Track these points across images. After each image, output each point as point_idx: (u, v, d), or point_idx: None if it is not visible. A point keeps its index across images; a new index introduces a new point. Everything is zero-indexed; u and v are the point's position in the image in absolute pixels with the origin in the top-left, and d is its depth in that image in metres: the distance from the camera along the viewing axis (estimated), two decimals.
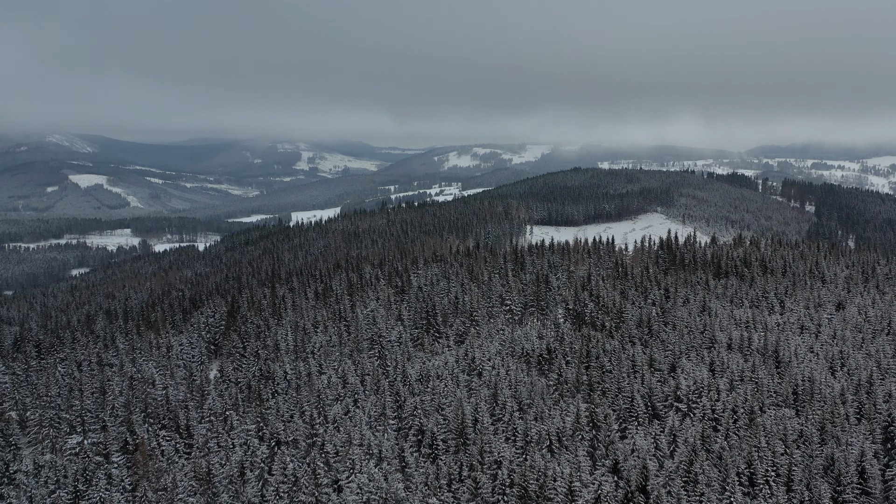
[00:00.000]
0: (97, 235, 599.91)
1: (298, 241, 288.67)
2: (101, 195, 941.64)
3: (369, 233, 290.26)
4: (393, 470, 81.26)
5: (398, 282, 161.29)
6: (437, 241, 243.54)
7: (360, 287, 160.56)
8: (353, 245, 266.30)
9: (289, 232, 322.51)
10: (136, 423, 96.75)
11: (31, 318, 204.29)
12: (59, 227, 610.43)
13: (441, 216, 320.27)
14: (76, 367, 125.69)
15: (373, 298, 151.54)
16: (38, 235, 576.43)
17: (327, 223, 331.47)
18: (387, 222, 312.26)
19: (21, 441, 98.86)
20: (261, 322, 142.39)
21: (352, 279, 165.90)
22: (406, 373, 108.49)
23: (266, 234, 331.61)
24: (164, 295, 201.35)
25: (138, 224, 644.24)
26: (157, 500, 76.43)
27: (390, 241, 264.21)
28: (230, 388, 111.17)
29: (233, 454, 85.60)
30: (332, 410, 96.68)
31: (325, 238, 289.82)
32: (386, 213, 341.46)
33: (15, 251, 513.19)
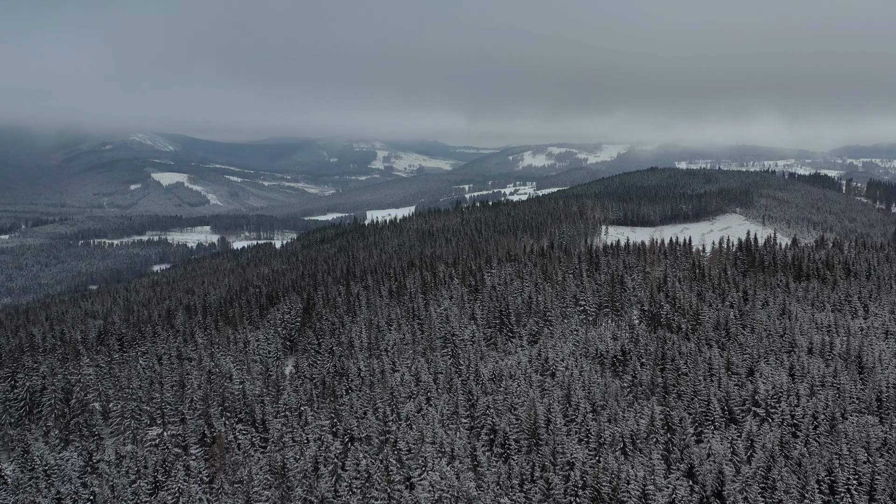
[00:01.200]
0: (178, 232, 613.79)
1: (373, 240, 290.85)
2: (182, 193, 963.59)
3: (443, 232, 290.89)
4: (465, 468, 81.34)
5: (472, 281, 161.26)
6: (511, 241, 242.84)
7: (434, 285, 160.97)
8: (427, 244, 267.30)
9: (364, 230, 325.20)
10: (213, 416, 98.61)
11: (114, 312, 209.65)
12: (141, 224, 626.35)
13: (515, 215, 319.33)
14: (157, 360, 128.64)
15: (446, 297, 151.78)
16: (122, 232, 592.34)
17: (402, 222, 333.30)
18: (461, 221, 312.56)
19: (104, 432, 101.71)
20: (335, 319, 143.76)
21: (425, 277, 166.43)
22: (479, 372, 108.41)
23: (341, 232, 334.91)
24: (241, 291, 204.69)
25: (217, 221, 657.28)
26: (233, 492, 77.76)
27: (464, 240, 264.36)
28: (305, 384, 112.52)
29: (307, 449, 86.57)
30: (404, 408, 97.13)
31: (400, 236, 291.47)
32: (460, 212, 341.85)
33: (100, 247, 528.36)
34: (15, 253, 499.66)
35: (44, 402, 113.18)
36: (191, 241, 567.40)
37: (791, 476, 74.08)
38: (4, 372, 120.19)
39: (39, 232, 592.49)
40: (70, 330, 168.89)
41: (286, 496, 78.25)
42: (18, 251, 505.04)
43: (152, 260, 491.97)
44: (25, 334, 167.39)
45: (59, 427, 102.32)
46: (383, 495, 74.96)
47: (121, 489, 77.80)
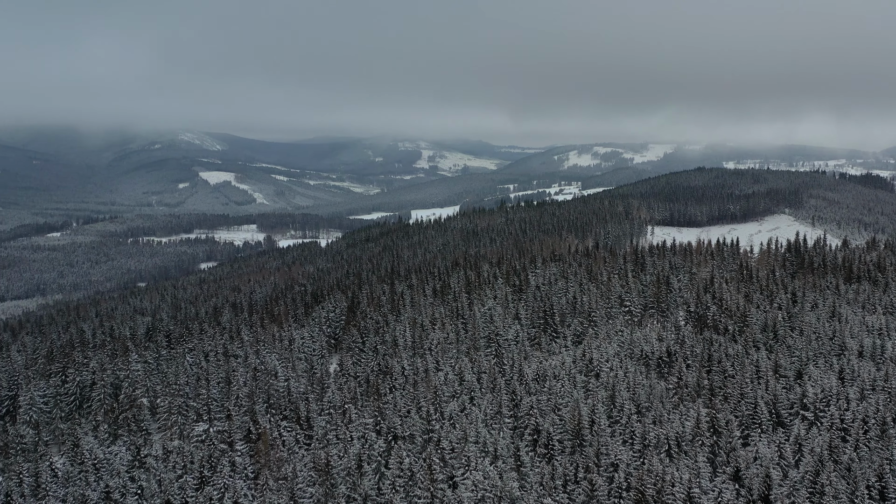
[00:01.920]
0: (224, 230, 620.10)
1: (418, 239, 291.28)
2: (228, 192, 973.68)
3: (488, 231, 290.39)
4: (508, 468, 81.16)
5: (516, 280, 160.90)
6: (556, 241, 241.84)
7: (478, 285, 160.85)
8: (471, 243, 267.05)
9: (408, 229, 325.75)
10: (259, 413, 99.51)
11: (162, 309, 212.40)
12: (189, 223, 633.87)
13: (560, 215, 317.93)
14: (203, 357, 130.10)
15: (490, 297, 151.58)
16: (170, 230, 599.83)
17: (446, 221, 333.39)
18: (505, 221, 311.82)
19: (151, 427, 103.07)
20: (380, 318, 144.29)
21: (470, 277, 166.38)
22: (523, 372, 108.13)
23: (386, 231, 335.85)
24: (287, 289, 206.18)
25: (263, 220, 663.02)
26: (277, 489, 78.36)
27: (509, 240, 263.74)
28: (349, 382, 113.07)
29: (351, 447, 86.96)
30: (448, 407, 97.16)
31: (444, 236, 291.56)
32: (505, 212, 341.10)
33: (148, 245, 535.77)
34: (66, 250, 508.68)
35: (93, 397, 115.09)
36: (237, 240, 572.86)
37: (840, 481, 72.88)
38: (56, 367, 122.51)
39: (90, 230, 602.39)
40: (119, 326, 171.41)
41: (330, 493, 78.67)
42: (70, 248, 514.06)
43: (199, 258, 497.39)
44: (76, 330, 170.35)
45: (107, 422, 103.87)
46: (426, 494, 75.05)
47: (167, 484, 78.78)
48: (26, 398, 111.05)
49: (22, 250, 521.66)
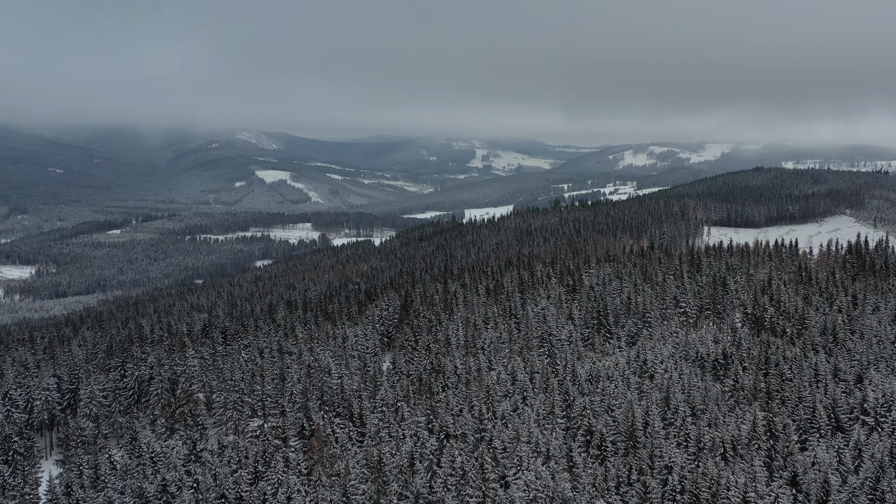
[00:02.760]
0: (280, 229, 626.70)
1: (471, 238, 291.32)
2: (284, 190, 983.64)
3: (541, 231, 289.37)
4: (560, 469, 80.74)
5: (570, 280, 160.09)
6: (611, 241, 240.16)
7: (532, 285, 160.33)
8: (524, 243, 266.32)
9: (462, 229, 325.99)
10: (312, 409, 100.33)
11: (218, 306, 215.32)
12: (245, 221, 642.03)
13: (615, 215, 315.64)
14: (258, 353, 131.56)
15: (544, 296, 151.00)
16: (227, 228, 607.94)
17: (500, 220, 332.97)
18: (559, 220, 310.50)
19: (207, 422, 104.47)
20: (433, 316, 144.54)
21: (523, 277, 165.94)
22: (576, 372, 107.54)
23: (439, 230, 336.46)
24: (341, 287, 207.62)
25: (318, 218, 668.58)
26: (330, 485, 78.86)
27: (562, 240, 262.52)
28: (402, 380, 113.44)
29: (403, 445, 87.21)
30: (500, 406, 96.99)
31: (498, 235, 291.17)
32: (559, 212, 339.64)
33: (205, 242, 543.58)
34: (126, 247, 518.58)
35: (151, 392, 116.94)
36: (292, 238, 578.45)
37: None
38: (115, 362, 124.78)
39: (149, 227, 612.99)
40: (177, 322, 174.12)
41: (382, 490, 78.98)
42: (129, 246, 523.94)
43: (255, 256, 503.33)
44: (135, 326, 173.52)
45: (165, 416, 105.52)
46: (478, 493, 74.98)
47: (222, 478, 79.76)
48: (86, 392, 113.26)
49: (83, 247, 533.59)
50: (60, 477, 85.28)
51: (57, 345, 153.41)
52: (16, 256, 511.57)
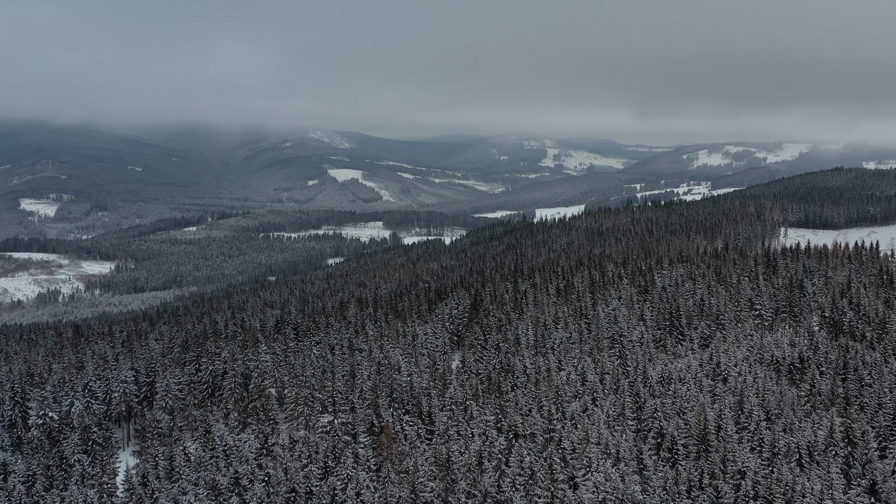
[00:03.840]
0: (351, 227, 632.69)
1: (541, 238, 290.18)
2: (356, 189, 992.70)
3: (613, 231, 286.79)
4: (630, 471, 79.86)
5: (641, 281, 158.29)
6: (684, 241, 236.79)
7: (603, 285, 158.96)
8: (596, 243, 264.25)
9: (532, 228, 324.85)
10: (382, 406, 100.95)
11: (290, 303, 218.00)
12: (317, 219, 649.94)
13: (688, 216, 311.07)
14: (329, 350, 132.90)
15: (615, 297, 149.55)
16: (299, 226, 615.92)
17: (571, 220, 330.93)
18: (631, 220, 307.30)
19: (279, 416, 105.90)
20: (502, 316, 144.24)
21: (594, 277, 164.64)
22: (647, 374, 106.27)
23: (510, 229, 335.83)
24: (411, 286, 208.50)
25: (389, 217, 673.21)
26: (399, 481, 79.29)
27: (634, 240, 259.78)
28: (471, 379, 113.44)
29: (471, 443, 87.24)
30: (570, 407, 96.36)
31: (569, 235, 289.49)
32: (631, 212, 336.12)
33: (278, 240, 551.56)
34: (202, 244, 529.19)
35: (224, 386, 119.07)
36: (363, 236, 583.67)
37: None
38: (190, 356, 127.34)
39: (224, 224, 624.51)
40: (250, 318, 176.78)
41: (450, 489, 79.10)
42: (205, 242, 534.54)
43: (327, 253, 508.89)
44: (209, 321, 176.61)
45: (237, 410, 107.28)
46: (546, 493, 74.61)
47: (293, 472, 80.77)
48: (162, 385, 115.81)
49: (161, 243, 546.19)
50: (137, 467, 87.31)
51: (135, 339, 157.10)
52: (97, 252, 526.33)
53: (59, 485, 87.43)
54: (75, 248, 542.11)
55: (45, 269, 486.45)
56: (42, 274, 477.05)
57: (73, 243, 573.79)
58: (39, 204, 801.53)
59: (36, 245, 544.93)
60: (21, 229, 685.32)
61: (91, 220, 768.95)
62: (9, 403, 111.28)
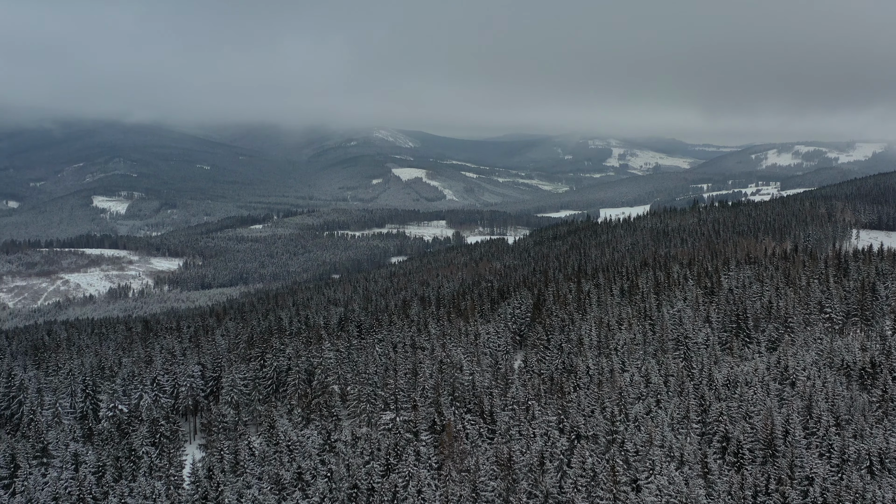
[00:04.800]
0: (415, 226, 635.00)
1: (606, 238, 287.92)
2: (419, 188, 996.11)
3: (679, 231, 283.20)
4: (694, 475, 78.82)
5: (707, 283, 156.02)
6: (751, 243, 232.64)
7: (668, 286, 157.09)
8: (661, 243, 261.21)
9: (596, 228, 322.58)
10: (443, 405, 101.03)
11: (354, 301, 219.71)
12: (381, 217, 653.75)
13: (756, 216, 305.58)
14: (392, 348, 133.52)
15: (680, 298, 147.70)
16: (363, 224, 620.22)
17: (636, 220, 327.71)
18: (697, 221, 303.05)
19: (342, 413, 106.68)
20: (565, 316, 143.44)
21: (659, 278, 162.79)
22: (712, 377, 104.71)
23: (574, 229, 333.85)
24: (473, 285, 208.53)
25: (452, 216, 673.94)
26: (460, 480, 79.33)
27: (700, 241, 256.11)
28: (533, 379, 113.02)
29: (533, 443, 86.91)
30: (633, 409, 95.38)
31: (633, 235, 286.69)
32: (697, 212, 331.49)
33: (343, 238, 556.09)
34: (267, 242, 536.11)
35: (289, 382, 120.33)
36: (427, 235, 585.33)
37: None
38: (255, 352, 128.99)
39: (289, 223, 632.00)
40: (314, 315, 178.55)
41: (511, 488, 78.91)
42: (270, 240, 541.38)
43: (390, 252, 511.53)
44: (274, 318, 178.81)
45: (301, 406, 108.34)
46: (609, 495, 73.99)
47: (355, 469, 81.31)
48: (228, 380, 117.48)
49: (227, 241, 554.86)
50: (203, 461, 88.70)
51: (202, 334, 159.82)
52: (165, 249, 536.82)
53: (127, 476, 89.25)
54: (145, 245, 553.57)
55: (115, 265, 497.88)
56: (113, 270, 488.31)
57: (143, 240, 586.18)
58: (111, 201, 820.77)
59: (108, 241, 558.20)
60: (94, 226, 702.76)
61: (160, 217, 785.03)
62: (80, 395, 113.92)
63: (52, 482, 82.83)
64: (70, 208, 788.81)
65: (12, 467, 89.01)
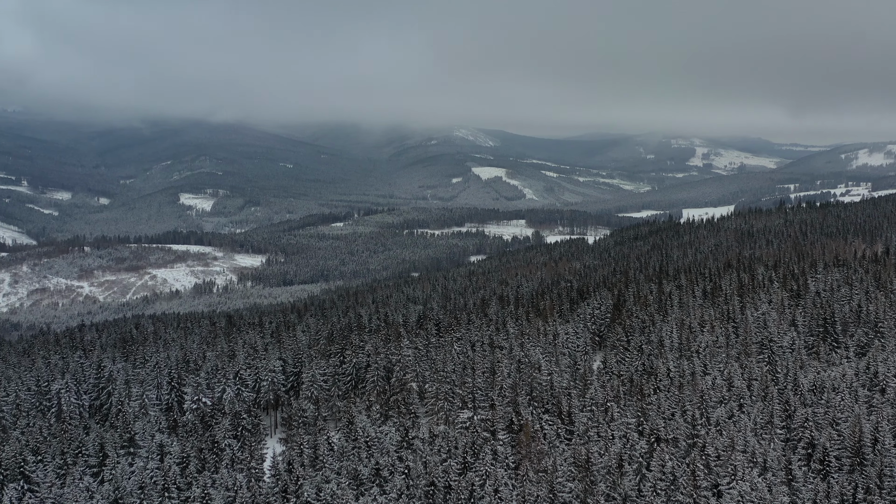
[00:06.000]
0: (494, 225, 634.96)
1: (688, 239, 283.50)
2: (499, 187, 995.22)
3: (764, 232, 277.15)
4: (778, 482, 76.99)
5: (793, 285, 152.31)
6: (840, 245, 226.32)
7: (752, 288, 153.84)
8: (745, 245, 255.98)
9: (679, 228, 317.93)
10: (521, 404, 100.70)
11: (433, 299, 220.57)
12: (460, 216, 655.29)
13: (845, 218, 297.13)
14: (470, 346, 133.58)
15: (764, 301, 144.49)
16: (443, 223, 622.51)
17: (719, 221, 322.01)
18: (784, 222, 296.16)
19: (419, 410, 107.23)
20: (646, 317, 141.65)
21: (742, 279, 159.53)
22: (798, 381, 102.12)
23: (655, 229, 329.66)
24: (553, 285, 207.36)
25: (532, 215, 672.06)
26: (537, 480, 78.92)
27: (787, 243, 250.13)
28: (612, 380, 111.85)
29: (612, 445, 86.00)
30: (715, 413, 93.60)
31: (717, 236, 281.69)
32: (783, 213, 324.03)
33: (422, 237, 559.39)
34: (348, 239, 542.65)
35: (367, 379, 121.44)
36: (506, 234, 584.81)
37: None
38: (335, 348, 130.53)
39: (369, 221, 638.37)
40: (393, 313, 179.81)
41: (589, 490, 78.20)
42: (351, 238, 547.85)
43: (469, 251, 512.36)
44: (354, 315, 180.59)
45: (379, 402, 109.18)
46: (689, 500, 72.74)
47: (432, 466, 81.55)
48: (308, 375, 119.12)
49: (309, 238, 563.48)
50: (283, 454, 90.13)
51: (283, 330, 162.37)
52: (249, 246, 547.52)
53: (210, 467, 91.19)
54: (229, 242, 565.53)
55: (201, 261, 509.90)
56: (198, 265, 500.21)
57: (228, 237, 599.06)
58: (197, 198, 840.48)
59: (193, 238, 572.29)
60: (180, 223, 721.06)
61: (244, 214, 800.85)
62: (166, 388, 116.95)
63: (138, 471, 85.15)
64: (158, 205, 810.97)
65: (101, 456, 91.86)
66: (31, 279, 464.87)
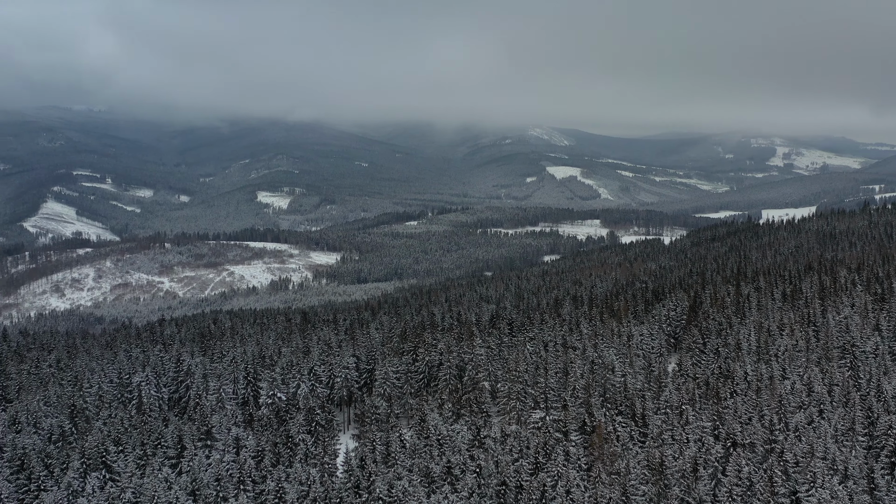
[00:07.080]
0: (568, 224, 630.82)
1: (767, 240, 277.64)
2: (573, 186, 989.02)
3: (847, 234, 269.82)
4: (859, 490, 74.96)
5: (878, 289, 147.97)
6: None
7: (834, 291, 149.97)
8: (827, 247, 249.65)
9: (758, 229, 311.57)
10: (594, 405, 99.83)
11: (506, 298, 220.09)
12: (534, 216, 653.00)
13: None
14: (543, 346, 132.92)
15: (847, 304, 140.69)
16: (516, 222, 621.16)
17: (800, 222, 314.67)
18: (868, 224, 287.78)
19: (491, 409, 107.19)
20: (723, 319, 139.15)
21: (824, 282, 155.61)
22: (881, 388, 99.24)
23: (733, 230, 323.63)
24: (627, 285, 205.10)
25: (607, 215, 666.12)
26: (609, 482, 78.17)
27: (871, 245, 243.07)
28: (687, 383, 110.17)
29: (686, 449, 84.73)
30: (794, 418, 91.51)
31: (797, 238, 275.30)
32: (868, 214, 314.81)
33: (496, 236, 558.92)
34: (422, 238, 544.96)
35: (440, 377, 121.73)
36: (580, 234, 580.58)
37: None
38: (408, 346, 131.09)
39: (443, 219, 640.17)
40: (466, 312, 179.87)
41: (663, 494, 77.20)
42: (425, 237, 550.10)
43: (543, 250, 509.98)
44: (427, 313, 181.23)
45: (451, 401, 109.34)
46: None
47: (504, 466, 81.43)
48: (381, 373, 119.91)
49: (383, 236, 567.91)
50: (356, 450, 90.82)
51: (357, 327, 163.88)
52: (324, 243, 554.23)
53: (284, 462, 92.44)
54: (305, 239, 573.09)
55: (277, 259, 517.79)
56: (274, 263, 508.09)
57: (303, 234, 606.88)
58: (274, 196, 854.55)
59: (270, 235, 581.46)
60: (257, 220, 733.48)
61: (320, 212, 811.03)
62: (242, 383, 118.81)
63: (214, 464, 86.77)
64: (236, 203, 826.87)
65: (179, 448, 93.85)
66: (114, 274, 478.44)
